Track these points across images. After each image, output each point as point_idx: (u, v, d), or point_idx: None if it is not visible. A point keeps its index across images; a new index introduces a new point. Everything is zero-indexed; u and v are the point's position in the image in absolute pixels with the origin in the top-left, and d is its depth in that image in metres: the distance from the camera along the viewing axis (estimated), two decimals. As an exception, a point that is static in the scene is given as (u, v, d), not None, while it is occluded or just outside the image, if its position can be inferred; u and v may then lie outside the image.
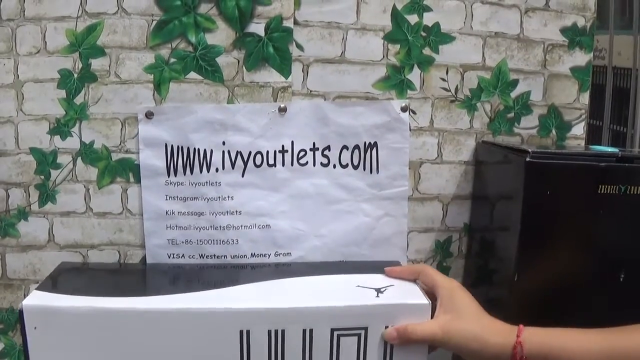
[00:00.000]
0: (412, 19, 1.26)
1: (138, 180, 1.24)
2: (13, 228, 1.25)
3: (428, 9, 1.26)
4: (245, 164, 1.23)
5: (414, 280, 1.11)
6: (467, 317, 1.01)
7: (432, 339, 1.00)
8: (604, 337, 0.95)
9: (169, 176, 1.22)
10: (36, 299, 0.98)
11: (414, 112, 1.28)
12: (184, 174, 1.22)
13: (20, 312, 0.96)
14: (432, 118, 1.30)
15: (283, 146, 1.23)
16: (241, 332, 0.97)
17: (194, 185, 1.22)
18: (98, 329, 0.97)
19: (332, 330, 0.98)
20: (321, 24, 1.23)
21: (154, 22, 1.20)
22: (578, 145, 1.36)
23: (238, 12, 1.20)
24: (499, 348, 0.96)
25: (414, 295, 1.05)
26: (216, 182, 1.22)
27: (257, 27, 1.21)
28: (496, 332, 0.98)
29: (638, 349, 0.92)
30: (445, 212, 1.34)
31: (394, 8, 1.25)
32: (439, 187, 1.32)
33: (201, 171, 1.22)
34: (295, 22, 1.22)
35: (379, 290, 1.05)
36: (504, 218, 1.23)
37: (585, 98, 1.35)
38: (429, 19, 1.26)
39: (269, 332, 0.97)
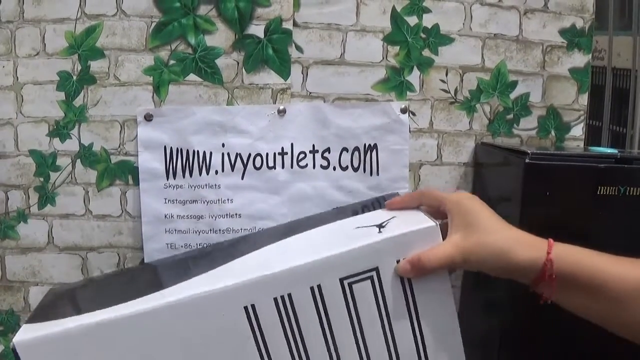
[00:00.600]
0: (412, 20, 1.27)
1: (137, 182, 1.24)
2: (12, 230, 1.26)
3: (427, 10, 1.27)
4: (245, 166, 1.24)
5: (417, 207, 1.03)
6: (484, 231, 0.91)
7: (450, 262, 0.90)
8: (637, 267, 0.86)
9: (168, 179, 1.23)
10: (27, 333, 0.90)
11: (413, 114, 1.29)
12: (183, 177, 1.23)
13: (14, 350, 0.88)
14: (431, 120, 1.31)
15: (283, 148, 1.24)
16: (246, 308, 0.90)
17: (193, 188, 1.23)
18: (97, 343, 0.90)
19: (342, 281, 0.90)
20: (321, 25, 1.24)
21: (153, 24, 1.21)
22: (577, 146, 1.36)
23: (237, 14, 1.21)
24: (527, 264, 0.87)
25: (418, 220, 0.95)
26: (216, 185, 1.23)
27: (257, 29, 1.22)
28: (523, 246, 0.89)
29: None
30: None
31: (394, 9, 1.26)
32: (439, 189, 1.30)
33: (200, 174, 1.23)
34: (295, 24, 1.23)
35: (380, 226, 0.96)
36: (504, 219, 1.24)
37: (584, 99, 1.36)
38: (428, 21, 1.27)
39: (275, 300, 0.90)
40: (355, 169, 1.27)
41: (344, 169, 1.27)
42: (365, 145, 1.27)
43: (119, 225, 1.26)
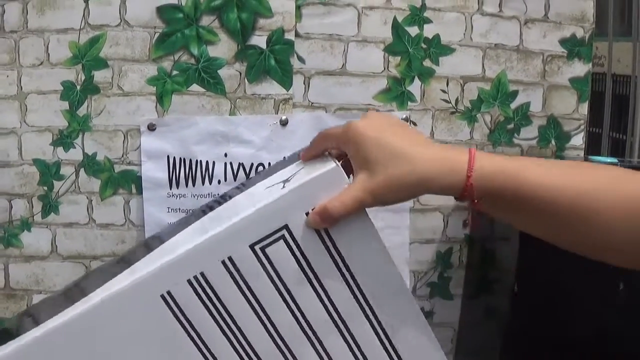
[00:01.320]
0: (413, 30, 1.29)
1: (140, 192, 1.27)
2: (16, 238, 1.28)
3: (428, 20, 1.29)
4: (247, 175, 1.26)
5: (324, 153, 0.89)
6: (392, 163, 0.78)
7: (360, 206, 0.80)
8: (564, 172, 0.77)
9: (170, 188, 1.25)
10: None
11: (414, 124, 1.32)
12: (186, 186, 1.25)
13: None
14: (432, 129, 1.33)
15: (284, 158, 1.26)
16: (163, 297, 0.84)
17: (195, 197, 1.25)
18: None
19: (252, 247, 0.83)
20: (322, 36, 1.27)
21: (157, 35, 1.23)
22: (577, 155, 1.39)
23: (240, 25, 1.23)
24: (446, 192, 0.77)
25: (322, 166, 0.85)
26: (218, 194, 1.24)
27: (259, 40, 1.25)
28: (440, 174, 0.77)
29: (600, 184, 0.74)
30: (446, 224, 1.37)
31: (395, 20, 1.28)
32: (440, 199, 1.35)
33: (203, 183, 1.25)
34: (297, 35, 1.26)
35: (285, 181, 0.88)
36: (504, 229, 1.26)
37: (584, 108, 1.38)
38: (429, 31, 1.30)
39: (190, 282, 0.83)
40: (357, 179, 1.29)
41: None
42: (366, 155, 1.28)
43: (122, 234, 1.28)
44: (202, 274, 0.83)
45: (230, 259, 0.83)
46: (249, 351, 0.86)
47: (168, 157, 1.25)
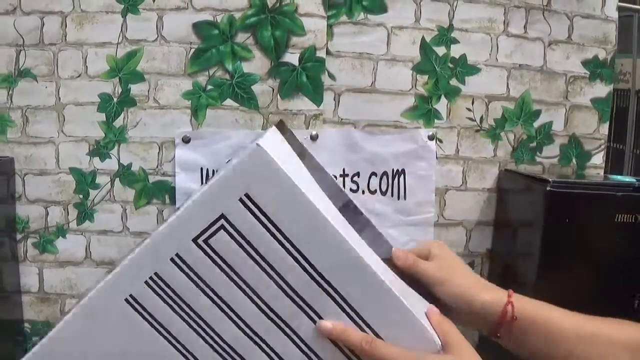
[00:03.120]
0: (440, 50, 1.39)
1: (174, 202, 1.36)
2: (51, 244, 1.38)
3: (455, 41, 1.39)
4: None
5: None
6: (463, 268, 1.05)
7: (433, 275, 1.01)
8: (591, 323, 1.00)
9: (203, 199, 1.34)
10: None
11: (440, 141, 1.42)
12: (219, 198, 1.34)
13: None
14: (457, 147, 1.43)
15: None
16: (127, 300, 0.90)
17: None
18: None
19: (195, 241, 0.87)
20: (353, 54, 1.37)
21: (192, 50, 1.33)
22: (597, 174, 1.49)
23: (274, 42, 1.33)
24: (488, 304, 0.98)
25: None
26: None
27: (292, 57, 1.34)
28: (486, 289, 1.01)
29: (619, 339, 0.98)
30: (468, 238, 1.47)
31: (423, 40, 1.39)
32: (463, 214, 1.45)
33: None
34: (328, 53, 1.36)
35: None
36: (525, 244, 1.35)
37: (605, 128, 1.48)
38: (456, 51, 1.40)
39: (147, 283, 0.89)
40: (384, 193, 1.39)
41: (373, 192, 1.39)
42: (393, 170, 1.39)
43: (155, 242, 1.38)
44: (157, 274, 0.89)
45: (178, 255, 0.88)
46: (218, 341, 0.91)
47: (201, 169, 1.34)
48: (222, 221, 0.87)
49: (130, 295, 0.90)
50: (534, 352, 1.00)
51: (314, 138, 1.36)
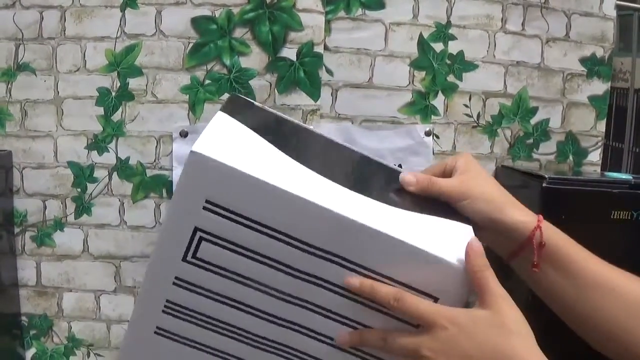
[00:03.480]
0: (438, 47, 1.40)
1: (171, 195, 1.37)
2: (49, 238, 1.39)
3: (453, 37, 1.40)
4: None
5: None
6: (489, 181, 0.96)
7: (452, 192, 0.92)
8: (620, 276, 0.93)
9: (201, 193, 1.34)
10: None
11: (437, 137, 1.43)
12: (216, 192, 1.34)
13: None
14: (454, 142, 1.44)
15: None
16: (156, 332, 0.92)
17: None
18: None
19: (185, 260, 0.86)
20: (350, 50, 1.38)
21: (191, 45, 1.34)
22: (594, 171, 1.50)
23: (271, 37, 1.34)
24: (518, 224, 0.91)
25: None
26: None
27: (289, 52, 1.35)
28: (517, 208, 0.93)
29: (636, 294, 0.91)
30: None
31: (421, 36, 1.40)
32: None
33: None
34: (326, 48, 1.37)
35: None
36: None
37: (602, 126, 1.49)
38: (453, 47, 1.41)
39: (165, 311, 0.90)
40: (381, 189, 1.39)
41: None
42: (390, 166, 1.39)
43: (152, 235, 1.39)
44: (169, 301, 0.88)
45: (177, 278, 0.87)
46: (254, 337, 0.90)
47: (199, 162, 1.35)
48: (199, 233, 0.84)
49: (157, 327, 0.90)
50: (550, 288, 0.94)
51: (311, 133, 1.36)
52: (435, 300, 0.84)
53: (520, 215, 0.92)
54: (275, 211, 0.83)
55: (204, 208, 0.82)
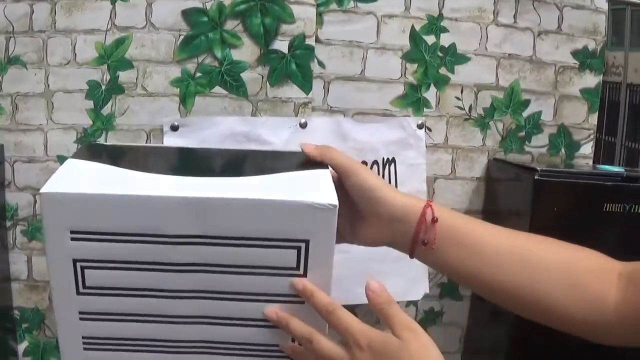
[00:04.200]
0: (430, 39, 1.40)
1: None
2: (40, 232, 1.38)
3: (445, 30, 1.40)
4: None
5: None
6: (374, 174, 0.97)
7: (346, 168, 0.94)
8: (521, 241, 0.94)
9: (192, 187, 1.34)
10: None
11: (429, 130, 1.43)
12: (207, 185, 1.34)
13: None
14: (446, 135, 1.44)
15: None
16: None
17: (217, 196, 1.34)
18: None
19: (79, 293, 0.88)
20: (342, 42, 1.38)
21: (181, 37, 1.33)
22: (586, 164, 1.50)
23: (263, 30, 1.34)
24: (405, 207, 0.93)
25: None
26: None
27: (281, 45, 1.35)
28: (402, 194, 0.95)
29: (551, 261, 0.91)
30: (457, 227, 1.47)
31: (413, 29, 1.40)
32: (452, 202, 1.46)
33: None
34: (318, 41, 1.36)
35: None
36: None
37: (594, 119, 1.50)
38: (445, 40, 1.41)
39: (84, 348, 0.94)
40: (374, 182, 1.39)
41: None
42: (384, 159, 1.40)
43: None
44: (84, 337, 0.92)
45: (81, 312, 0.90)
46: (176, 344, 0.92)
47: (190, 156, 1.35)
48: (78, 264, 0.87)
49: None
50: (455, 268, 0.94)
51: (303, 126, 1.37)
52: (307, 243, 0.87)
53: (406, 198, 0.94)
54: (128, 217, 0.85)
55: (72, 239, 0.85)
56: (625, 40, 2.85)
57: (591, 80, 1.48)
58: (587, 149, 1.51)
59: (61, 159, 1.36)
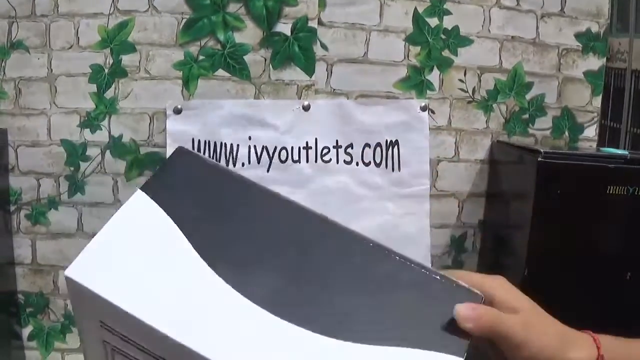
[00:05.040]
0: (433, 21, 1.40)
1: (166, 173, 1.36)
2: (43, 216, 1.39)
3: (448, 12, 1.40)
4: (271, 159, 1.35)
5: None
6: (544, 320, 0.81)
7: (514, 336, 0.75)
8: None
9: (195, 171, 1.33)
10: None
11: (432, 112, 1.42)
12: (211, 168, 1.33)
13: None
14: (450, 118, 1.44)
15: (307, 143, 1.36)
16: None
17: (219, 180, 1.34)
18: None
19: None
20: (345, 25, 1.37)
21: (184, 20, 1.33)
22: (590, 147, 1.49)
23: (266, 12, 1.34)
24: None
25: None
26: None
27: (284, 27, 1.35)
28: (574, 345, 0.80)
29: None
30: (461, 209, 1.48)
31: (416, 11, 1.39)
32: (456, 185, 1.46)
33: (227, 165, 1.34)
34: (320, 23, 1.36)
35: None
36: (517, 216, 1.37)
37: (598, 101, 1.49)
38: (448, 22, 1.40)
39: None
40: (378, 165, 1.39)
41: (367, 164, 1.39)
42: (387, 141, 1.39)
43: (147, 213, 1.39)
44: None
45: None
46: None
47: (193, 139, 1.34)
48: (108, 346, 0.75)
49: None
50: None
51: (306, 108, 1.37)
52: None
53: (579, 351, 0.81)
54: (149, 341, 0.70)
55: (101, 326, 0.73)
56: (630, 26, 2.84)
57: (595, 63, 1.48)
58: (591, 131, 1.50)
59: (65, 143, 1.36)
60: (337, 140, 1.38)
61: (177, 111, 1.35)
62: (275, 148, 1.36)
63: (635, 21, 2.81)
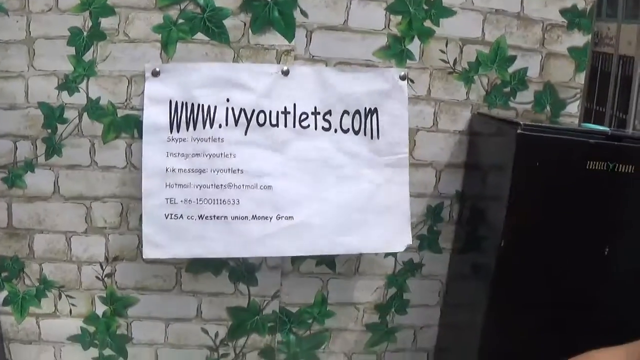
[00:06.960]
0: (415, -9, 1.37)
1: (142, 136, 1.33)
2: (20, 179, 1.36)
3: (431, -18, 1.37)
4: (249, 121, 1.32)
5: None
6: None
7: None
8: None
9: (171, 132, 1.30)
10: None
11: (412, 81, 1.39)
12: (187, 130, 1.31)
13: None
14: (429, 88, 1.41)
15: (285, 107, 1.33)
16: None
17: (196, 141, 1.31)
18: None
19: None
20: (326, -8, 1.34)
21: (164, -17, 1.30)
22: (571, 123, 1.46)
23: (246, -24, 1.31)
24: None
25: None
26: (219, 139, 1.31)
27: (264, -8, 1.32)
28: None
29: None
30: (438, 179, 1.45)
31: (398, -20, 1.36)
32: (433, 155, 1.43)
33: (204, 127, 1.31)
34: (301, -11, 1.33)
35: None
36: (495, 187, 1.34)
37: (581, 78, 1.46)
38: (431, -7, 1.37)
39: None
40: (356, 132, 1.36)
41: (345, 131, 1.36)
42: (365, 109, 1.36)
43: (123, 176, 1.36)
44: None
45: None
46: None
47: (170, 101, 1.31)
48: None
49: None
50: None
51: (285, 73, 1.34)
52: None
53: None
54: None
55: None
56: (619, 11, 2.80)
57: (579, 39, 1.44)
58: (573, 108, 1.47)
59: (42, 106, 1.34)
60: (315, 107, 1.35)
61: (155, 73, 1.32)
62: (254, 111, 1.33)
63: (624, 6, 2.78)
